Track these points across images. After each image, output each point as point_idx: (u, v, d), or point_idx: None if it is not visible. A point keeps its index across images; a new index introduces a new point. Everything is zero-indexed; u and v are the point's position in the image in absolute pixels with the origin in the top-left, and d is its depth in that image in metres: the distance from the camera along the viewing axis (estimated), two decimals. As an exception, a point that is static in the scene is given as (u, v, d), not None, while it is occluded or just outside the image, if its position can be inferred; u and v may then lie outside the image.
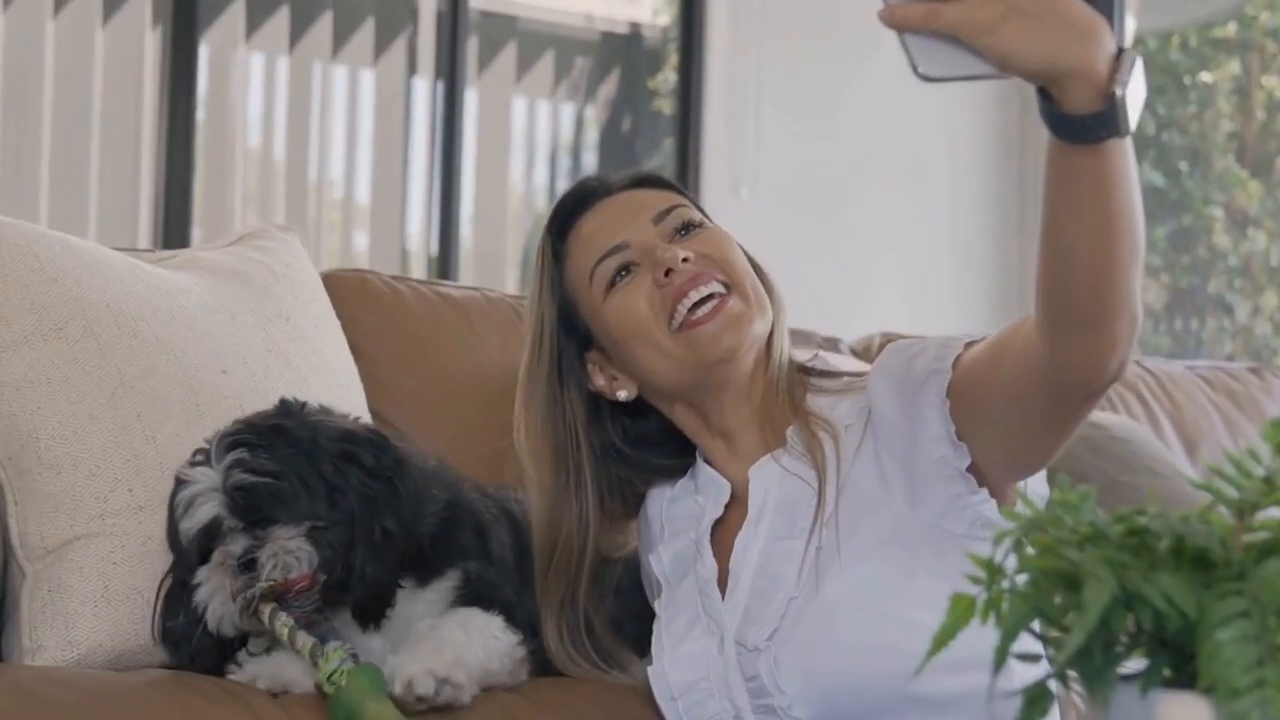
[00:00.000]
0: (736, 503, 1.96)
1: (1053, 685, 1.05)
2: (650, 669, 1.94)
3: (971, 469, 1.79)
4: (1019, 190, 5.79)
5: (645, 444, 2.01)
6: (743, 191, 5.30)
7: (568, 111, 6.50)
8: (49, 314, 2.03)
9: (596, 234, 1.96)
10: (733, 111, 5.44)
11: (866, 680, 1.77)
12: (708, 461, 1.99)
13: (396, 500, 1.90)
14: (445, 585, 1.96)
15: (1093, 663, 1.02)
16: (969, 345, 1.79)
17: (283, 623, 1.82)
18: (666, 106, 6.15)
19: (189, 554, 1.89)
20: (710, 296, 1.89)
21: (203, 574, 1.86)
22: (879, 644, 1.77)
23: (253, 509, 1.85)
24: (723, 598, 1.91)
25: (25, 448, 1.99)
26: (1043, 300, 1.60)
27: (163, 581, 1.94)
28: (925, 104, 5.71)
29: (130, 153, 5.53)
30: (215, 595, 1.85)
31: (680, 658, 1.91)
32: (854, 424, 1.89)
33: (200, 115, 5.42)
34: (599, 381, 1.98)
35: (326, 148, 6.09)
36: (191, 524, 1.87)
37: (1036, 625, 1.06)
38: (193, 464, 1.89)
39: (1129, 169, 1.52)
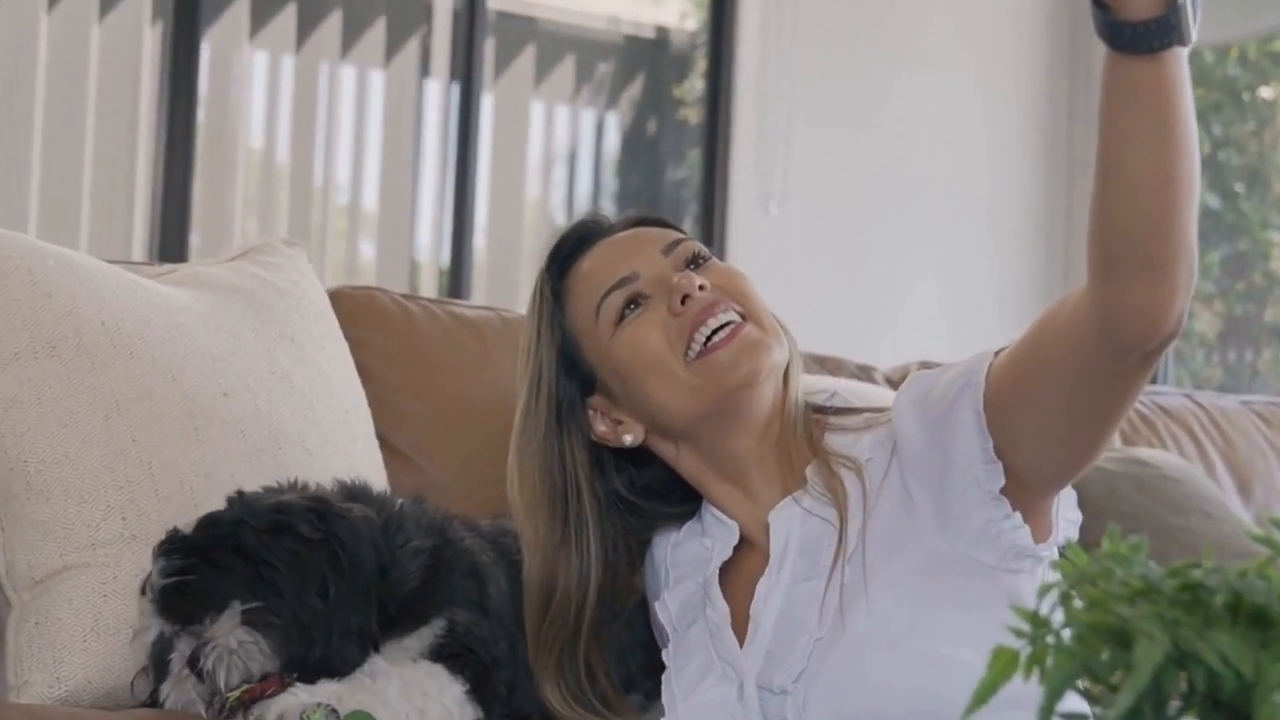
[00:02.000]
0: (746, 545, 1.97)
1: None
2: (668, 716, 1.94)
3: (1006, 490, 1.80)
4: (1065, 211, 5.78)
5: (652, 494, 2.02)
6: (772, 206, 5.30)
7: (589, 118, 6.50)
8: (41, 331, 2.04)
9: (602, 267, 1.98)
10: (763, 122, 5.44)
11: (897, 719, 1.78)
12: (714, 505, 2.00)
13: (335, 569, 1.91)
14: (427, 633, 1.96)
15: (1143, 725, 1.02)
16: (998, 353, 1.82)
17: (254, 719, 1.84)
18: (693, 115, 6.16)
19: (154, 669, 1.92)
20: (726, 324, 1.91)
21: (165, 689, 1.89)
22: (908, 681, 1.78)
23: (173, 610, 1.88)
24: (739, 642, 1.92)
25: (14, 472, 2.00)
26: (1099, 244, 1.63)
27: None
28: (967, 117, 5.71)
29: (126, 155, 5.55)
30: (187, 705, 1.88)
31: (696, 707, 1.92)
32: (876, 457, 1.91)
33: (200, 117, 5.44)
34: (600, 428, 1.99)
35: (333, 152, 6.10)
36: (144, 642, 1.91)
37: (1083, 683, 1.06)
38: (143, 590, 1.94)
39: (1187, 85, 1.56)
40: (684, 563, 2.01)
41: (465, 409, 2.52)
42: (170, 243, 5.18)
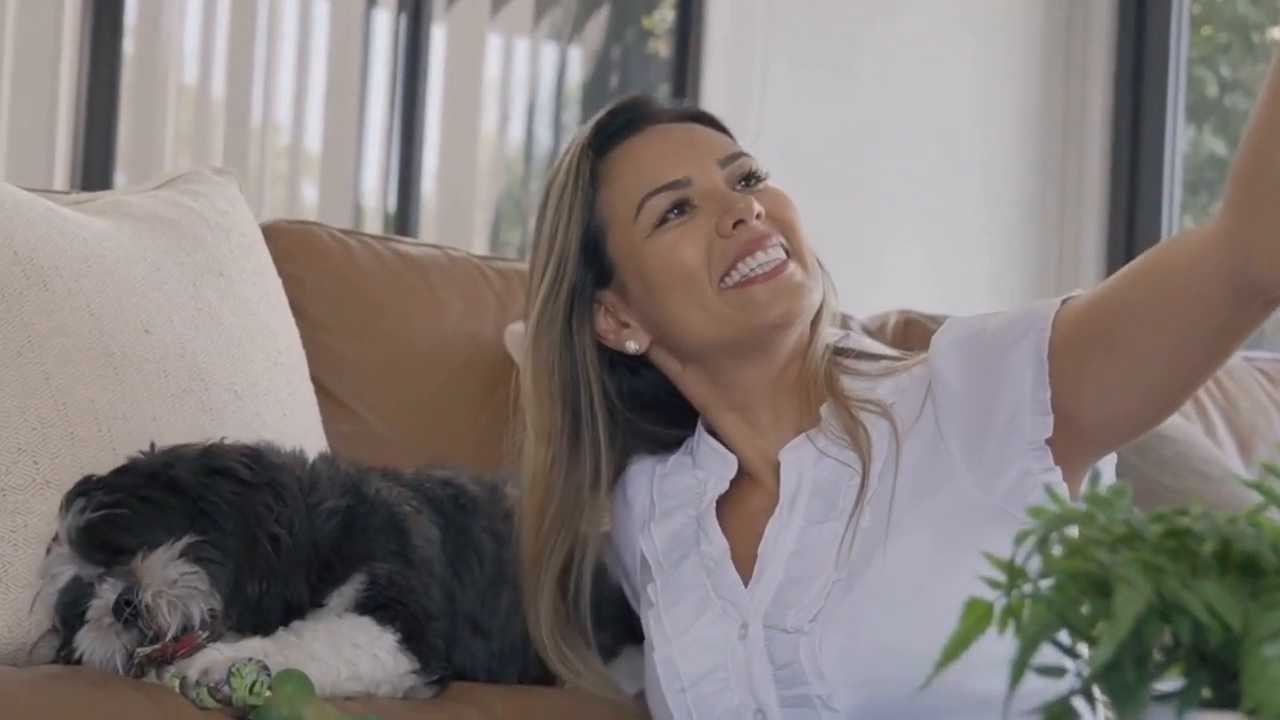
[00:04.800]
0: (744, 479, 2.01)
1: (1078, 704, 1.06)
2: (656, 655, 1.97)
3: (1053, 444, 1.83)
4: (1060, 162, 5.79)
5: (639, 405, 2.04)
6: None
7: (549, 53, 6.48)
8: (-54, 260, 2.03)
9: (653, 162, 1.99)
10: (737, 58, 5.43)
11: (914, 671, 1.80)
12: (712, 434, 2.03)
13: (284, 506, 1.91)
14: (349, 590, 1.97)
15: (1123, 679, 1.03)
16: (1065, 301, 1.85)
17: (171, 676, 1.85)
18: (662, 49, 6.14)
19: (62, 623, 1.91)
20: (772, 260, 1.94)
21: (82, 637, 1.88)
22: (929, 625, 1.80)
23: (100, 546, 1.87)
24: (741, 579, 1.95)
25: (-84, 412, 1.99)
26: (1251, 179, 1.67)
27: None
28: (957, 60, 5.70)
29: (46, 88, 5.50)
30: (107, 658, 1.87)
31: (691, 644, 1.95)
32: (899, 402, 1.95)
33: (128, 46, 5.40)
34: (603, 325, 2.01)
35: (272, 87, 6.06)
36: (52, 590, 1.90)
37: (1062, 636, 1.07)
38: (49, 551, 1.93)
39: None
40: (672, 494, 2.05)
41: (408, 354, 2.53)
42: (93, 185, 5.15)
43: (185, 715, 1.80)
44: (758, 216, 1.94)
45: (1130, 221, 5.47)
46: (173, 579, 1.85)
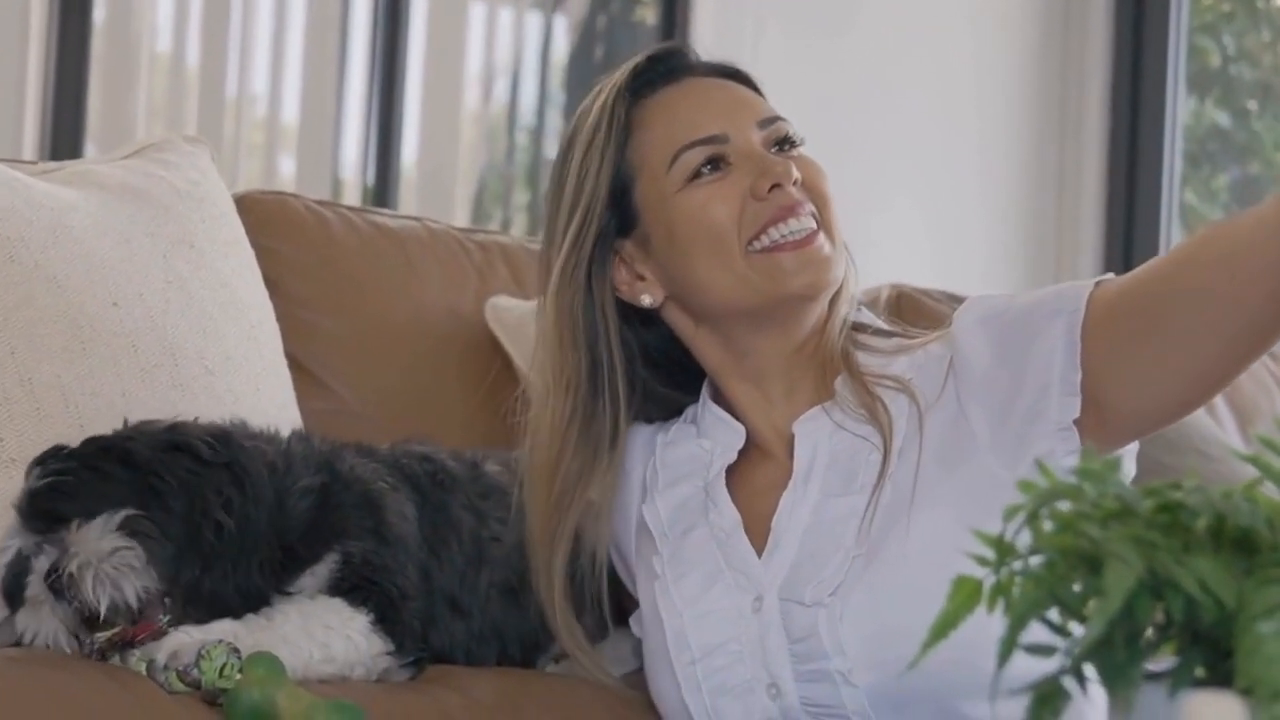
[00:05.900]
0: (753, 450, 2.02)
1: (1068, 683, 1.06)
2: (666, 627, 1.98)
3: (1079, 424, 1.84)
4: (1059, 131, 5.79)
5: (645, 362, 2.06)
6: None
7: (534, 21, 6.47)
8: (-92, 231, 2.03)
9: (692, 115, 2.00)
10: (727, 24, 5.43)
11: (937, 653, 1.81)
12: (717, 402, 2.04)
13: (239, 492, 1.91)
14: (322, 570, 1.97)
15: (1114, 658, 1.03)
16: (1099, 284, 1.86)
17: (138, 660, 1.85)
18: (650, 16, 6.14)
19: (7, 600, 1.90)
20: (803, 229, 1.95)
21: (22, 618, 1.88)
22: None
23: (41, 513, 1.87)
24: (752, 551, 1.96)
25: (-123, 387, 1.99)
26: None
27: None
28: (953, 28, 5.70)
29: (14, 56, 5.50)
30: (52, 637, 1.87)
31: (702, 616, 1.96)
32: (916, 378, 1.96)
33: (99, 14, 5.39)
34: (617, 276, 2.02)
35: (249, 56, 6.05)
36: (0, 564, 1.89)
37: (1052, 613, 1.07)
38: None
39: None
40: (676, 464, 2.06)
41: (386, 328, 2.52)
42: (63, 155, 5.14)
43: (154, 699, 1.80)
44: (795, 183, 1.95)
45: (1130, 194, 5.47)
46: (105, 551, 1.83)
